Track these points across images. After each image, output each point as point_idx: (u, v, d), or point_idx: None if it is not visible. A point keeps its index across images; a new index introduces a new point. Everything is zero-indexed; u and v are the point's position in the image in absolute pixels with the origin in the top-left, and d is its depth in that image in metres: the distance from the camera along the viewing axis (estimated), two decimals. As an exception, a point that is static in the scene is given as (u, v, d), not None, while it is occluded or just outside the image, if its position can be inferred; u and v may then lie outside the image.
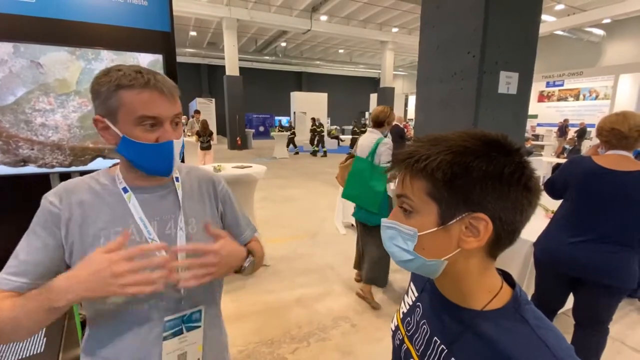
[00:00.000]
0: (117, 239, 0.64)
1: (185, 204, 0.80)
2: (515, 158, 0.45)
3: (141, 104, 0.67)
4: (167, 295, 0.75)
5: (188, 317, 0.78)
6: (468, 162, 0.44)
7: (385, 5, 11.98)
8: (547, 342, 0.43)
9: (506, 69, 2.30)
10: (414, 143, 0.50)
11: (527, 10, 2.31)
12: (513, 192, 0.44)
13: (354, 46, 18.42)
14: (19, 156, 1.56)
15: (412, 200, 0.48)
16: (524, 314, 0.47)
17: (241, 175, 3.08)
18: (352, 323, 2.44)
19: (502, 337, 0.45)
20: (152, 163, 0.72)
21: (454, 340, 0.50)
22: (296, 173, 8.98)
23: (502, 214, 0.45)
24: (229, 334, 0.96)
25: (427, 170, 0.45)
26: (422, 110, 2.75)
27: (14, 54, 1.49)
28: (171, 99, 0.70)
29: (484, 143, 0.46)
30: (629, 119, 1.51)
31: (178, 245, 0.76)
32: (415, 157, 0.47)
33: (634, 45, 12.54)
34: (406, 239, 0.49)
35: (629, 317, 2.53)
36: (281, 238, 4.16)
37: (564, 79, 13.97)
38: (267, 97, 23.61)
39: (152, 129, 0.70)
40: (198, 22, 14.23)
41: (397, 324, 0.67)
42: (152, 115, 0.68)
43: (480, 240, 0.46)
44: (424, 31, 2.62)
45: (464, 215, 0.45)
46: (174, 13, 1.93)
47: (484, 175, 0.43)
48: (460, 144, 0.46)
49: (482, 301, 0.49)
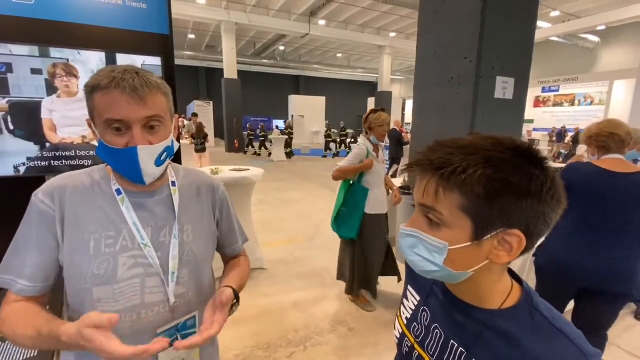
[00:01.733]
0: (109, 318, 0.55)
1: (181, 210, 0.77)
2: (548, 172, 0.44)
3: (106, 107, 0.64)
4: (162, 307, 0.72)
5: (183, 325, 0.75)
6: (510, 178, 0.42)
7: (383, 10, 12.07)
8: (565, 332, 0.45)
9: (502, 74, 2.32)
10: (442, 148, 0.46)
11: (523, 16, 2.34)
12: (547, 207, 0.44)
13: (351, 50, 18.52)
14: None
15: (442, 214, 0.46)
16: (538, 308, 0.48)
17: (238, 178, 3.07)
18: (349, 327, 2.44)
19: (523, 333, 0.46)
20: (123, 169, 0.68)
21: (473, 341, 0.50)
22: (294, 176, 8.98)
23: (535, 229, 0.45)
24: (225, 338, 0.95)
25: (466, 184, 0.43)
26: (419, 114, 2.77)
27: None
28: (140, 101, 0.64)
29: (518, 155, 0.44)
30: (622, 125, 1.58)
31: (170, 257, 0.73)
32: (451, 169, 0.44)
33: (629, 52, 12.70)
34: (432, 251, 0.48)
35: (624, 320, 2.54)
36: (278, 241, 4.14)
37: (560, 84, 14.12)
38: (265, 101, 23.66)
39: (120, 133, 0.65)
40: (197, 25, 14.27)
41: (402, 331, 0.65)
42: (117, 118, 0.64)
43: (512, 255, 0.46)
44: (422, 36, 2.65)
45: (499, 231, 0.44)
46: (172, 16, 1.93)
47: (524, 193, 0.42)
48: (497, 156, 0.43)
49: (498, 301, 0.50)
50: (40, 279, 0.67)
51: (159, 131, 0.69)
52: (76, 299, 0.69)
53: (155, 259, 0.71)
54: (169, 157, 0.72)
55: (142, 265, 0.71)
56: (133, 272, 0.70)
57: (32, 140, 1.56)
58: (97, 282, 0.67)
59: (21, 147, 1.54)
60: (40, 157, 1.57)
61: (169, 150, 0.71)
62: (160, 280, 0.72)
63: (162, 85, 0.69)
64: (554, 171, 0.44)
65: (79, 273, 0.67)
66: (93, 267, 0.67)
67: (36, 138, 1.56)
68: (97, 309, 0.67)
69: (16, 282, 0.66)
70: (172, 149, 0.72)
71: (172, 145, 0.71)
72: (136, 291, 0.70)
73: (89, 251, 0.68)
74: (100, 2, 1.75)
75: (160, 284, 0.72)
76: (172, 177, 0.80)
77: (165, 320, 0.73)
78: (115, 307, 0.68)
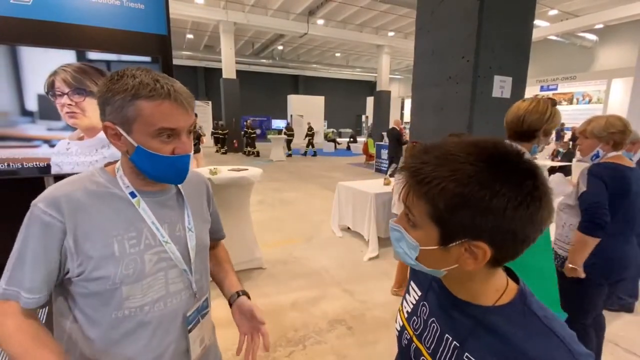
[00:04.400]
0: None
1: (189, 205, 0.84)
2: (526, 186, 0.43)
3: (161, 116, 0.66)
4: (184, 294, 0.79)
5: (202, 306, 0.84)
6: (470, 194, 0.43)
7: (381, 9, 12.07)
8: (556, 331, 0.45)
9: (500, 73, 2.33)
10: (422, 155, 0.48)
11: (520, 16, 2.35)
12: (514, 225, 0.43)
13: (350, 50, 18.51)
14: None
15: (415, 217, 0.49)
16: (531, 306, 0.49)
17: (237, 178, 3.07)
18: (347, 326, 2.44)
19: (514, 330, 0.47)
20: (166, 174, 0.73)
21: (466, 336, 0.52)
22: (292, 176, 8.98)
23: (501, 243, 0.45)
24: (225, 338, 0.98)
25: (429, 195, 0.45)
26: (417, 113, 2.78)
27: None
28: (189, 110, 0.70)
29: (490, 166, 0.43)
30: (623, 119, 1.59)
31: (190, 248, 0.80)
32: (419, 177, 0.46)
33: (626, 50, 12.72)
34: (410, 247, 0.51)
35: (622, 318, 2.55)
36: (277, 241, 4.15)
37: (558, 83, 14.14)
38: (264, 100, 23.64)
39: (168, 140, 0.69)
40: (195, 25, 14.24)
41: (402, 324, 0.67)
42: (172, 127, 0.68)
43: (478, 264, 0.47)
44: (419, 36, 2.66)
45: (463, 240, 0.46)
46: (170, 16, 1.93)
47: (484, 210, 0.42)
48: (465, 169, 0.43)
49: (491, 298, 0.51)
50: (44, 291, 0.68)
51: (191, 136, 0.75)
52: (96, 300, 0.70)
53: (177, 253, 0.77)
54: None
55: (164, 260, 0.76)
56: (158, 266, 0.75)
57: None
58: (127, 281, 0.70)
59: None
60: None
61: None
62: (179, 270, 0.78)
63: (193, 96, 0.75)
64: (535, 182, 0.43)
65: (105, 276, 0.68)
66: (121, 267, 0.69)
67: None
68: (124, 305, 0.71)
69: (21, 294, 0.66)
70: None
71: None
72: (161, 284, 0.76)
73: (114, 253, 0.69)
74: (98, 3, 1.75)
75: (180, 274, 0.79)
76: None
77: (189, 304, 0.80)
78: (144, 300, 0.73)
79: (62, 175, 1.64)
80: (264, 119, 22.47)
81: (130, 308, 0.71)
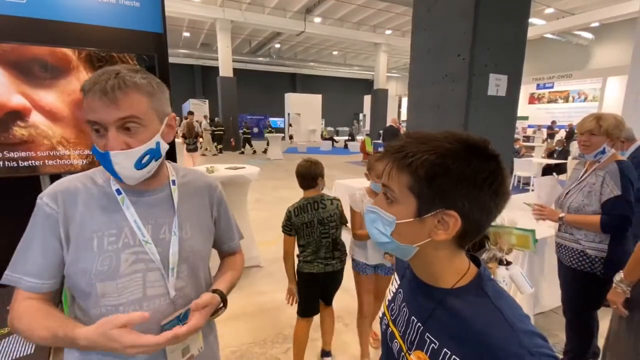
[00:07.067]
0: (135, 316, 0.63)
1: (181, 208, 0.80)
2: (491, 165, 0.49)
3: (88, 109, 0.66)
4: (163, 300, 0.75)
5: (184, 315, 0.76)
6: (448, 164, 0.48)
7: (378, 7, 12.07)
8: (502, 310, 0.49)
9: (495, 71, 2.34)
10: (404, 138, 0.54)
11: (515, 14, 2.36)
12: (483, 195, 0.49)
13: (347, 48, 18.50)
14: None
15: (394, 192, 0.53)
16: (485, 288, 0.53)
17: (234, 176, 3.07)
18: (344, 322, 2.46)
19: (466, 309, 0.52)
20: (109, 170, 0.69)
21: (427, 317, 0.56)
22: (290, 174, 8.95)
23: (470, 213, 0.50)
24: (222, 335, 0.97)
25: (412, 166, 0.50)
26: (414, 111, 2.78)
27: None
28: (110, 102, 0.64)
29: (465, 147, 0.50)
30: (619, 116, 1.64)
31: (170, 253, 0.76)
32: (403, 153, 0.51)
33: (622, 49, 12.79)
34: (385, 224, 0.55)
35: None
36: (274, 239, 4.15)
37: (554, 81, 14.23)
38: (261, 99, 23.58)
39: (99, 135, 0.67)
40: (191, 23, 14.18)
41: (383, 311, 0.72)
42: (94, 120, 0.66)
43: (448, 233, 0.51)
44: (416, 34, 2.66)
45: (438, 210, 0.50)
46: (166, 14, 1.93)
47: (460, 178, 0.48)
48: (444, 146, 0.50)
49: (451, 281, 0.55)
50: (46, 276, 0.71)
51: (138, 133, 0.68)
52: (81, 294, 0.73)
53: (156, 255, 0.74)
54: (154, 159, 0.71)
55: (143, 261, 0.74)
56: (135, 267, 0.73)
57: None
58: (100, 277, 0.70)
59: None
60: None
61: (152, 153, 0.70)
62: (160, 274, 0.75)
63: (143, 85, 0.67)
64: (499, 165, 0.50)
65: (84, 270, 0.70)
66: (97, 263, 0.70)
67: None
68: (101, 303, 0.71)
69: (23, 279, 0.70)
70: (156, 150, 0.71)
71: (156, 147, 0.70)
72: (138, 285, 0.73)
73: (93, 249, 0.71)
74: (93, 1, 1.75)
75: (160, 278, 0.75)
76: (173, 175, 0.83)
77: (167, 312, 0.75)
78: (119, 300, 0.72)
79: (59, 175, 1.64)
80: (261, 118, 22.42)
81: (107, 306, 0.71)
